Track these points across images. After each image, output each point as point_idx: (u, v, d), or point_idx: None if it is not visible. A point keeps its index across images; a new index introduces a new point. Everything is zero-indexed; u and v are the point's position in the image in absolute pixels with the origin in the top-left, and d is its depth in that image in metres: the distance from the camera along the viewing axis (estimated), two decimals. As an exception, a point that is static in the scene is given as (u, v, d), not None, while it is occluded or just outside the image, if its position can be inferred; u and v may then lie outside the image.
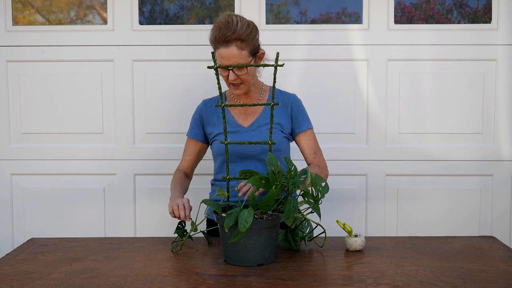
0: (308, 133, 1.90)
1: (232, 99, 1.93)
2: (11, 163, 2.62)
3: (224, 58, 1.71)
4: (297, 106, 1.90)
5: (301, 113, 1.90)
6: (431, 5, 2.63)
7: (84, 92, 2.60)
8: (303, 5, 2.63)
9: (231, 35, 1.68)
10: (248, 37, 1.71)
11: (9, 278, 1.37)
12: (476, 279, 1.34)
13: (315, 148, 1.90)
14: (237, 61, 1.70)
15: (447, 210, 2.60)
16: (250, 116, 1.88)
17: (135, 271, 1.42)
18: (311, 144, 1.89)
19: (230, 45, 1.69)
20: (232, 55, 1.70)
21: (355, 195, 2.60)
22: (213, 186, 1.98)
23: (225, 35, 1.69)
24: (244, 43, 1.71)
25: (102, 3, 2.63)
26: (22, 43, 2.58)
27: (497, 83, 2.56)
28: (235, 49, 1.70)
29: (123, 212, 2.63)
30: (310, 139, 1.90)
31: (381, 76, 2.57)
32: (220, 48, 1.71)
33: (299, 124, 1.89)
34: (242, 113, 1.89)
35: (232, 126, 1.86)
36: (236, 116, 1.88)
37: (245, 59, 1.72)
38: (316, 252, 1.60)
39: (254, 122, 1.86)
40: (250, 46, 1.73)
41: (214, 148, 1.91)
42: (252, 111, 1.88)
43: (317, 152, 1.90)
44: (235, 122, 1.87)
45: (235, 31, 1.69)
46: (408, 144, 2.59)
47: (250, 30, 1.73)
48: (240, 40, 1.69)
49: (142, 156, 2.60)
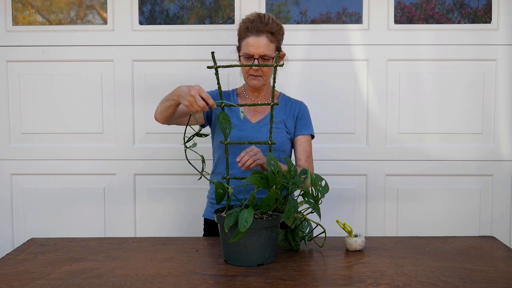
0: (306, 138, 1.92)
1: (244, 96, 1.96)
2: (11, 163, 2.62)
3: (253, 47, 1.78)
4: (303, 111, 1.95)
5: (306, 118, 1.95)
6: (431, 5, 2.63)
7: (84, 92, 2.60)
8: (303, 5, 2.63)
9: (264, 27, 1.79)
10: (278, 33, 1.82)
11: (9, 278, 1.37)
12: (476, 279, 1.34)
13: (309, 154, 1.92)
14: (264, 51, 1.78)
15: (447, 210, 2.60)
16: (259, 114, 1.92)
17: (135, 271, 1.42)
18: (306, 148, 1.91)
19: (261, 35, 1.79)
20: (262, 45, 1.78)
21: (355, 195, 2.60)
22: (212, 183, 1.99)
23: (257, 26, 1.79)
24: (273, 36, 1.81)
25: (102, 3, 2.63)
26: (22, 43, 2.58)
27: (497, 83, 2.56)
28: (266, 40, 1.79)
29: (123, 212, 2.63)
30: (306, 144, 1.92)
31: (381, 76, 2.57)
32: (250, 37, 1.79)
33: (301, 127, 1.92)
34: (252, 109, 1.93)
35: (240, 121, 1.89)
36: (245, 111, 1.93)
37: (271, 52, 1.80)
38: (316, 252, 1.60)
39: (262, 120, 1.90)
40: (277, 42, 1.83)
41: (215, 141, 1.94)
42: (261, 109, 1.93)
43: (309, 158, 1.91)
44: (244, 117, 1.91)
45: (267, 24, 1.79)
46: (408, 144, 2.59)
47: (279, 28, 1.84)
48: (271, 33, 1.80)
49: (142, 156, 2.60)
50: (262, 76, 1.84)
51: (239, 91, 2.00)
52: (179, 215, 2.61)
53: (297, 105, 1.96)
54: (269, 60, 1.81)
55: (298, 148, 1.91)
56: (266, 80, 1.87)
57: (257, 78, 1.84)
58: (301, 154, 1.90)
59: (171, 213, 2.62)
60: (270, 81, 1.96)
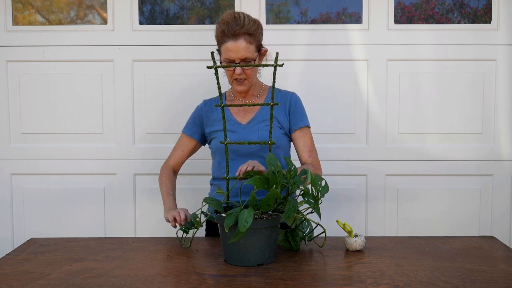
0: (305, 130, 1.88)
1: (232, 98, 1.94)
2: (11, 163, 2.62)
3: (232, 52, 1.73)
4: (295, 103, 1.90)
5: (299, 110, 1.89)
6: (431, 5, 2.63)
7: (84, 92, 2.60)
8: (303, 5, 2.63)
9: (240, 29, 1.72)
10: (255, 32, 1.76)
11: (9, 278, 1.37)
12: (476, 279, 1.34)
13: (311, 147, 1.88)
14: (245, 55, 1.74)
15: (447, 210, 2.60)
16: (248, 114, 1.89)
17: (135, 271, 1.42)
18: (306, 142, 1.87)
19: (239, 38, 1.73)
20: (241, 48, 1.73)
21: (355, 195, 2.60)
22: (213, 186, 1.98)
23: (233, 29, 1.72)
24: (252, 37, 1.75)
25: (102, 3, 2.63)
26: (22, 43, 2.58)
27: (497, 83, 2.56)
28: (244, 43, 1.73)
29: (123, 212, 2.63)
30: (306, 137, 1.88)
31: (381, 76, 2.57)
32: (228, 42, 1.73)
33: (296, 120, 1.88)
34: (241, 110, 1.90)
35: (230, 123, 1.87)
36: (234, 113, 1.89)
37: (252, 54, 1.75)
38: (316, 252, 1.60)
39: (252, 120, 1.87)
40: (256, 42, 1.78)
41: (213, 145, 1.91)
42: (250, 109, 1.89)
43: (312, 152, 1.87)
44: (233, 120, 1.88)
45: (243, 26, 1.73)
46: (408, 144, 2.59)
47: (256, 26, 1.78)
48: (248, 34, 1.74)
49: (142, 156, 2.60)
50: (246, 79, 1.80)
51: (228, 93, 1.98)
52: (179, 215, 2.61)
53: (287, 97, 1.90)
54: (251, 62, 1.76)
55: (298, 144, 1.88)
56: (251, 82, 1.83)
57: (243, 83, 1.81)
58: (303, 150, 1.87)
59: (171, 213, 2.62)
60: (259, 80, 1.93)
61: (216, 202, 1.51)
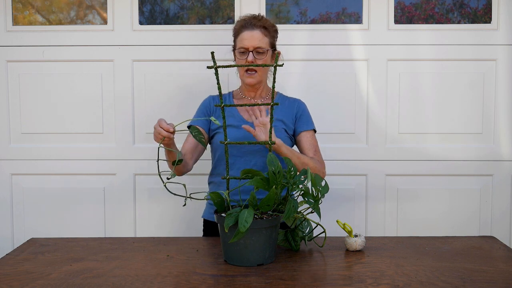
0: (311, 133, 1.93)
1: (240, 97, 1.97)
2: (11, 163, 2.62)
3: (246, 40, 1.84)
4: (302, 108, 1.96)
5: (306, 114, 1.96)
6: (431, 5, 2.63)
7: (84, 92, 2.60)
8: (303, 5, 2.63)
9: (257, 22, 1.86)
10: (271, 29, 1.89)
11: (9, 278, 1.37)
12: (476, 279, 1.34)
13: (316, 148, 1.92)
14: (259, 44, 1.84)
15: (447, 210, 2.60)
16: None
17: (135, 271, 1.42)
18: (312, 142, 1.92)
19: (255, 29, 1.85)
20: (256, 37, 1.84)
21: (355, 195, 2.60)
22: (211, 184, 1.99)
23: (251, 22, 1.86)
24: (267, 31, 1.87)
25: (102, 3, 2.63)
26: (22, 43, 2.58)
27: (497, 83, 2.56)
28: (259, 33, 1.85)
29: (123, 212, 2.63)
30: (311, 139, 1.92)
31: (381, 76, 2.57)
32: (244, 32, 1.86)
33: (302, 123, 1.93)
34: (249, 108, 1.91)
35: (236, 119, 1.89)
36: (242, 111, 1.92)
37: (265, 45, 1.86)
38: (316, 252, 1.60)
39: None
40: (271, 37, 1.89)
41: (215, 141, 1.93)
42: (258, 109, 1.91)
43: (317, 152, 1.91)
44: (240, 117, 1.91)
45: (260, 20, 1.88)
46: (408, 144, 2.59)
47: (272, 25, 1.92)
48: (264, 27, 1.87)
49: (142, 156, 2.60)
50: (257, 71, 1.86)
51: (235, 93, 2.01)
52: (179, 215, 2.61)
53: (295, 103, 1.97)
54: (264, 54, 1.84)
55: (304, 143, 1.91)
56: (261, 76, 1.88)
57: (253, 75, 1.86)
58: (308, 149, 1.90)
59: (171, 213, 2.62)
60: (266, 81, 1.97)
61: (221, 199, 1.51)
